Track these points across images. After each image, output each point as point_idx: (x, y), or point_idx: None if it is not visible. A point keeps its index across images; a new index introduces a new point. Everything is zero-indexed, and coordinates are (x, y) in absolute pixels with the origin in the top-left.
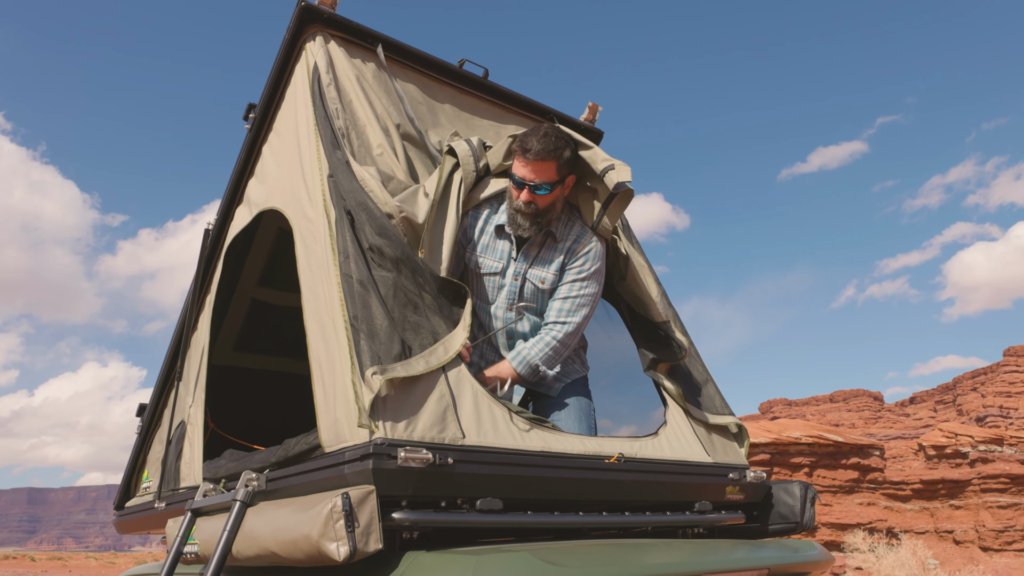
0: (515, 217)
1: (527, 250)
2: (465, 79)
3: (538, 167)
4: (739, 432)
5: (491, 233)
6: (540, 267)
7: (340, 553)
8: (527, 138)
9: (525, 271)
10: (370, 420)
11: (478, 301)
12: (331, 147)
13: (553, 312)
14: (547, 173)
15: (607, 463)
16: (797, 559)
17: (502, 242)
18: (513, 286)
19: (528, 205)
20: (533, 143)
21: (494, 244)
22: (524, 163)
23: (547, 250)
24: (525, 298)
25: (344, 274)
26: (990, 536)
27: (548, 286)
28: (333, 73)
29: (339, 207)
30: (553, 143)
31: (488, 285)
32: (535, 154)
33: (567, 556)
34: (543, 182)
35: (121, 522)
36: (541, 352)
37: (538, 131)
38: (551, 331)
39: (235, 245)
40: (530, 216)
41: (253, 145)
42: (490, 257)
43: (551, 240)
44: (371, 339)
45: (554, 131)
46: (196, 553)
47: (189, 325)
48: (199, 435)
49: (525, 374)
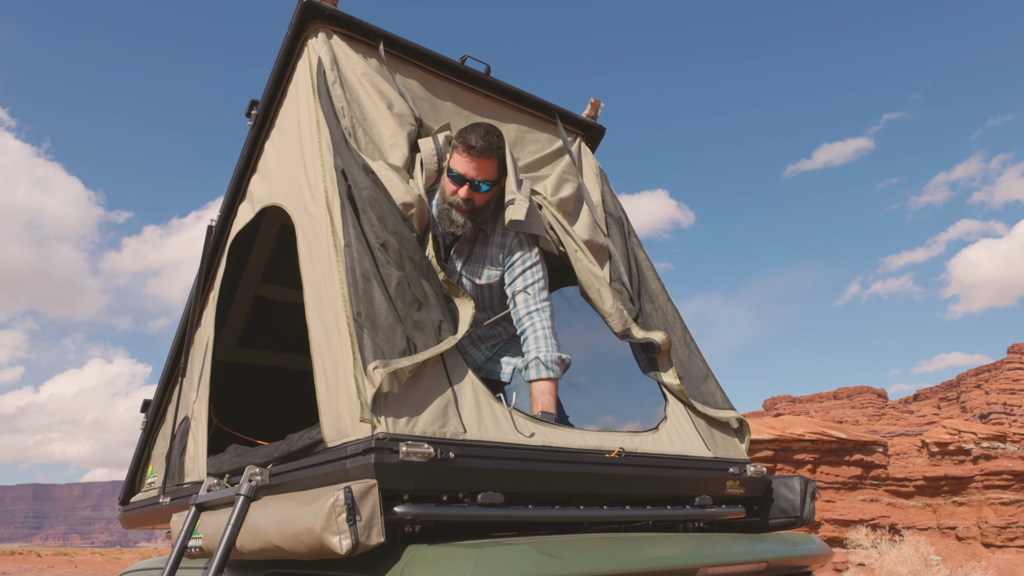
0: (448, 212)
1: (459, 248)
2: (467, 75)
3: (481, 164)
4: (740, 427)
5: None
6: (475, 264)
7: (342, 546)
8: (469, 134)
9: (459, 269)
10: (372, 415)
11: None
12: (341, 143)
13: (522, 305)
14: (488, 171)
15: (608, 457)
16: (796, 552)
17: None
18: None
19: (466, 202)
20: (476, 139)
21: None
22: (467, 159)
23: (480, 246)
24: None
25: (348, 269)
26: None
27: (486, 281)
28: (338, 70)
29: (344, 202)
30: (496, 141)
31: None
32: (479, 151)
33: (567, 549)
34: (485, 179)
35: (126, 517)
36: (548, 343)
37: (480, 128)
38: (535, 319)
39: (238, 241)
40: (465, 213)
41: (256, 142)
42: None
43: (483, 236)
44: (374, 334)
45: (495, 130)
46: (200, 547)
47: (193, 321)
48: (203, 431)
49: (557, 372)
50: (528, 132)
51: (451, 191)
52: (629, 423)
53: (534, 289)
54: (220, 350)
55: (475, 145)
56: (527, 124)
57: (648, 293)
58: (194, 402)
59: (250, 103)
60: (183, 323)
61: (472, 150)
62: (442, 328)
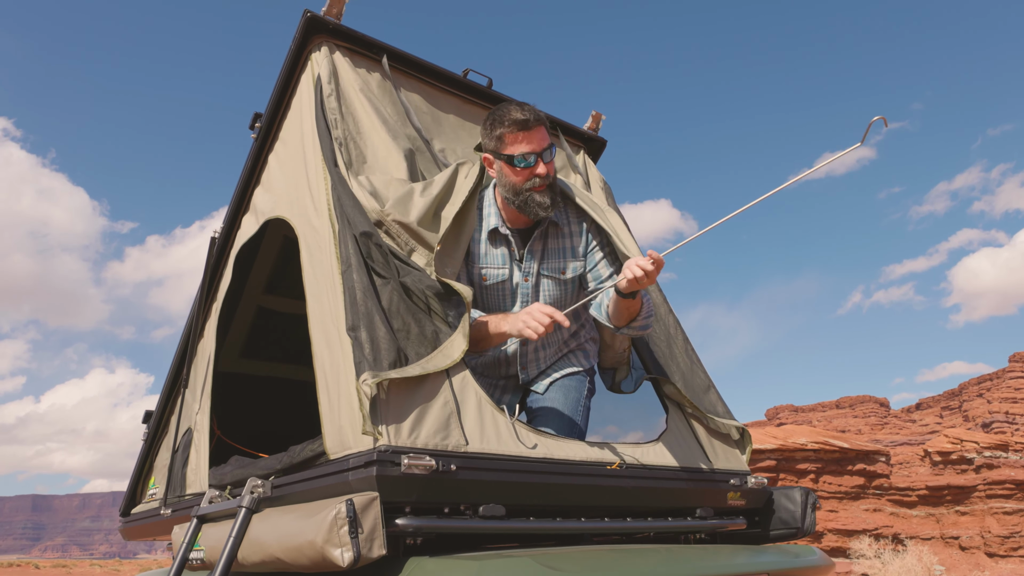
0: (530, 199)
1: (532, 247)
2: (469, 88)
3: (540, 133)
4: (741, 438)
5: (485, 241)
6: (555, 259)
7: (344, 559)
8: (512, 115)
9: (536, 269)
10: (374, 427)
11: (491, 310)
12: (330, 158)
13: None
14: (546, 136)
15: (609, 469)
16: (797, 564)
17: (499, 247)
18: (525, 287)
19: (545, 177)
20: (519, 114)
21: (491, 251)
22: (524, 135)
23: (554, 239)
24: (544, 298)
25: (346, 283)
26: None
27: (573, 274)
28: (336, 83)
29: (342, 217)
30: (534, 108)
31: (498, 294)
32: (533, 121)
33: (568, 561)
34: (549, 145)
35: (127, 528)
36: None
37: (512, 105)
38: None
39: (242, 252)
40: (547, 191)
41: (259, 154)
42: (492, 265)
43: (555, 228)
44: (370, 347)
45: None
46: (202, 559)
47: (195, 332)
48: (205, 442)
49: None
50: None
51: (523, 178)
52: (630, 434)
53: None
54: (223, 361)
55: (523, 119)
56: None
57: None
58: (196, 413)
59: (254, 116)
60: (185, 334)
61: (526, 124)
62: (439, 342)
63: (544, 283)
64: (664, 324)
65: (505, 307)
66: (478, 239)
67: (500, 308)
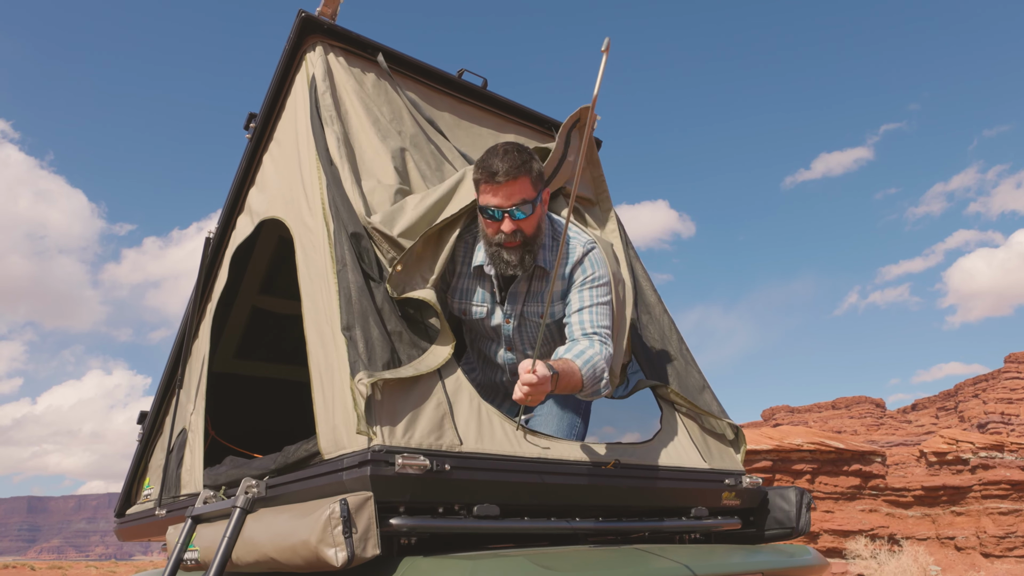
0: (499, 255)
1: (515, 289)
2: (464, 89)
3: (511, 188)
4: (736, 438)
5: (469, 275)
6: (536, 302)
7: (338, 559)
8: (488, 161)
9: (519, 311)
10: (368, 427)
11: (478, 341)
12: (324, 157)
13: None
14: (523, 191)
15: (603, 469)
16: (792, 563)
17: (484, 285)
18: (507, 329)
19: (514, 235)
20: (497, 164)
21: (473, 287)
22: (495, 189)
23: (538, 282)
24: (527, 339)
25: (341, 283)
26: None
27: (552, 319)
28: (330, 82)
29: (337, 217)
30: (519, 157)
31: (480, 329)
32: (505, 174)
33: (563, 561)
34: (521, 201)
35: (122, 529)
36: (601, 356)
37: (496, 151)
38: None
39: (237, 253)
40: (518, 248)
41: (254, 154)
42: (474, 302)
43: (540, 271)
44: (364, 347)
45: (514, 146)
46: (196, 560)
47: (190, 333)
48: (200, 442)
49: (588, 380)
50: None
51: (493, 231)
52: (626, 434)
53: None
54: (217, 361)
55: (497, 171)
56: (525, 136)
57: (645, 304)
58: (191, 414)
59: (248, 116)
60: (180, 335)
61: (496, 176)
62: (429, 344)
63: (526, 325)
64: (659, 324)
65: (489, 346)
66: (466, 273)
67: (486, 346)
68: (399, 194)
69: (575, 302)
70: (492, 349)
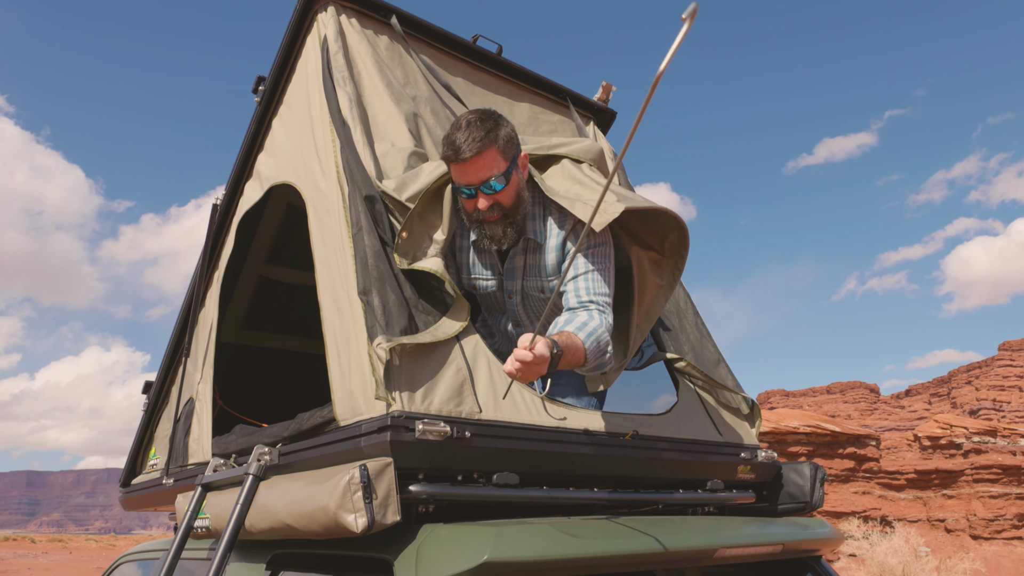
0: (483, 231)
1: (512, 263)
2: (478, 55)
3: (479, 163)
4: (751, 411)
5: (470, 249)
6: (534, 277)
7: (358, 525)
8: (451, 137)
9: (519, 287)
10: (387, 392)
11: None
12: (338, 119)
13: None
14: (492, 163)
15: (622, 440)
16: (809, 536)
17: (485, 257)
18: (510, 304)
19: (491, 209)
20: (459, 139)
21: (477, 260)
22: (462, 167)
23: (532, 255)
24: (532, 314)
25: (357, 247)
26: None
27: (550, 293)
28: (342, 42)
29: (351, 180)
30: (481, 127)
31: (490, 302)
32: (469, 149)
33: (586, 530)
34: (493, 174)
35: (128, 499)
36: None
37: (459, 124)
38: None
39: (244, 220)
40: (500, 222)
41: (263, 119)
42: (480, 276)
43: (533, 244)
44: (382, 312)
45: (477, 115)
46: (207, 527)
47: (197, 301)
48: (208, 411)
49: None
50: (541, 113)
51: (470, 208)
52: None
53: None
54: (223, 332)
55: (460, 146)
56: (539, 105)
57: None
58: (198, 383)
59: (257, 79)
60: (187, 303)
61: (461, 154)
62: (447, 309)
63: (530, 300)
64: (675, 298)
65: (499, 319)
66: (466, 247)
67: (496, 319)
68: (414, 157)
69: (571, 269)
70: (502, 322)
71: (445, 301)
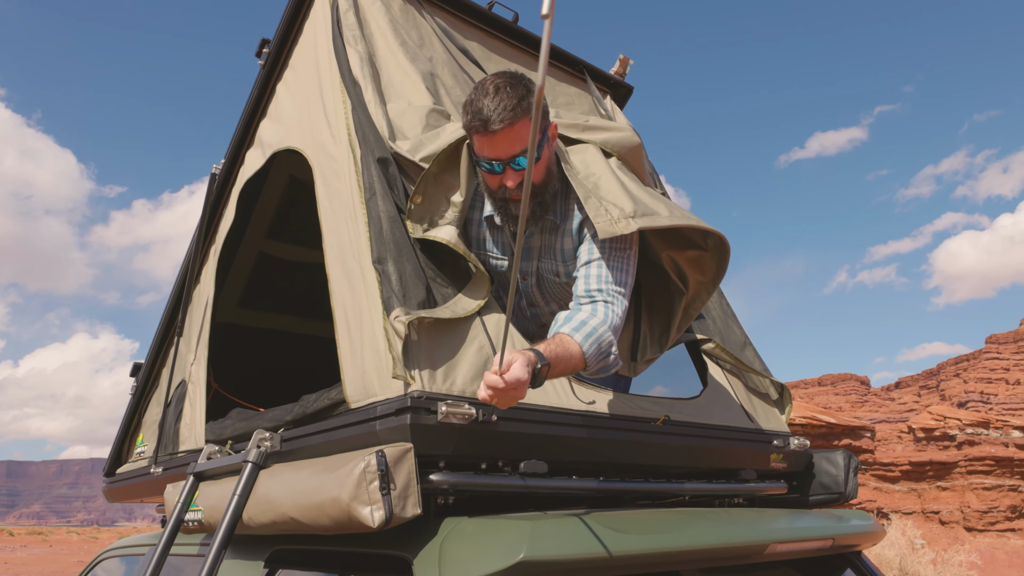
0: (507, 209)
1: (528, 242)
2: (494, 22)
3: (510, 136)
4: (780, 396)
5: (482, 223)
6: (549, 259)
7: (374, 519)
8: (478, 104)
9: (534, 268)
10: (405, 370)
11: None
12: (349, 79)
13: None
14: (524, 136)
15: (653, 425)
16: (859, 530)
17: (498, 234)
18: (525, 286)
19: (519, 187)
20: (487, 107)
21: (491, 237)
22: (490, 139)
23: (549, 236)
24: (546, 296)
25: (371, 212)
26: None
27: (567, 278)
28: (354, 1)
29: (364, 142)
30: (513, 94)
31: (503, 280)
32: (500, 119)
33: (630, 523)
34: (522, 150)
35: (112, 489)
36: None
37: (486, 89)
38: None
39: (245, 190)
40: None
41: (266, 84)
42: (492, 254)
43: (551, 224)
44: (399, 282)
45: (506, 79)
46: (200, 520)
47: (192, 277)
48: (201, 395)
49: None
50: (557, 85)
51: (494, 184)
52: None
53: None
54: (219, 311)
55: (489, 117)
56: (555, 77)
57: None
58: (192, 364)
59: (261, 42)
60: (180, 278)
61: (489, 125)
62: (467, 282)
63: (545, 282)
64: None
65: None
66: (477, 219)
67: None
68: (433, 114)
69: (584, 254)
70: (517, 301)
71: (464, 274)
